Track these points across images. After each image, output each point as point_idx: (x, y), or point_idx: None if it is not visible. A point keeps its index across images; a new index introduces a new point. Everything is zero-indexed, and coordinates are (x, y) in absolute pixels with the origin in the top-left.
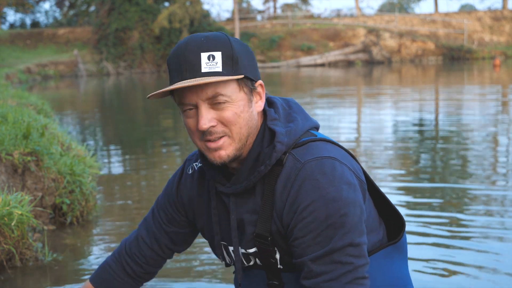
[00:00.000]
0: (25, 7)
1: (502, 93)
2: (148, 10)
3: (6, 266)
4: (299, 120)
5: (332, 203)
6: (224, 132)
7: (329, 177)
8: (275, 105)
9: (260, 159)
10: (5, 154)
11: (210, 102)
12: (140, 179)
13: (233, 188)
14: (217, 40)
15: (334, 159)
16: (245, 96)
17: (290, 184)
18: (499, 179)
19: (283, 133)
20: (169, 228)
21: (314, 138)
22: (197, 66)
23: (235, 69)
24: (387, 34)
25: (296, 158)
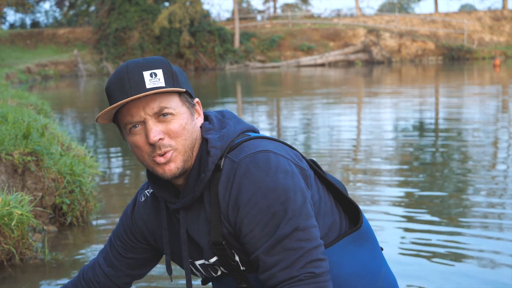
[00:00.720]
0: (25, 7)
1: (502, 93)
2: (148, 10)
3: (6, 266)
4: (231, 124)
5: (271, 192)
6: (170, 146)
7: (264, 168)
8: (209, 118)
9: (200, 168)
10: (5, 154)
11: (157, 116)
12: (139, 179)
13: (182, 202)
14: (156, 60)
15: (268, 151)
16: (187, 110)
17: (230, 184)
18: (499, 178)
19: (216, 139)
20: (127, 254)
21: (247, 138)
22: (141, 83)
23: (176, 85)
24: (387, 34)
25: (231, 159)
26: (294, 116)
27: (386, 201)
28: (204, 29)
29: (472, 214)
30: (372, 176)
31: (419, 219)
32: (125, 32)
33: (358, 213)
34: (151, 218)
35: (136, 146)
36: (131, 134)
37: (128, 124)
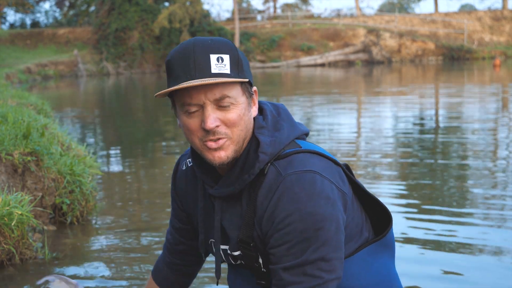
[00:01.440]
0: (25, 7)
1: (502, 93)
2: (148, 10)
3: (6, 265)
4: (285, 129)
5: (308, 217)
6: (225, 134)
7: (308, 191)
8: (264, 112)
9: (245, 166)
10: (5, 154)
11: (216, 103)
12: (140, 179)
13: (219, 192)
14: (224, 43)
15: (315, 172)
16: (246, 100)
17: (271, 195)
18: (499, 177)
19: (267, 143)
20: (184, 225)
21: (298, 150)
22: (206, 66)
23: (240, 73)
24: (387, 34)
25: (278, 170)
26: (294, 115)
27: (386, 197)
28: (204, 29)
29: (474, 207)
30: (372, 173)
31: (419, 217)
32: (125, 32)
33: (388, 222)
34: (188, 189)
35: (188, 128)
36: (186, 115)
37: (185, 105)
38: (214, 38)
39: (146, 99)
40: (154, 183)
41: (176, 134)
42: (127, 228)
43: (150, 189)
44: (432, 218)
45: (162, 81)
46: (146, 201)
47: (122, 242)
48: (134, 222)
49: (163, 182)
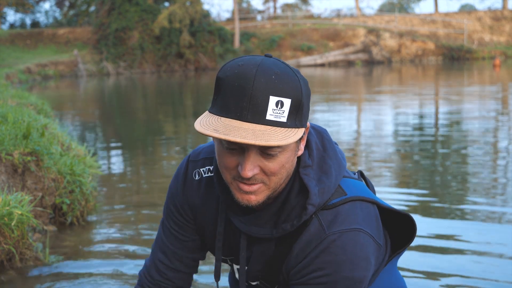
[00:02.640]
0: (25, 7)
1: (502, 92)
2: (148, 10)
3: (6, 266)
4: (333, 172)
5: (343, 280)
6: (262, 180)
7: (349, 254)
8: (309, 145)
9: (285, 210)
10: (5, 154)
11: (262, 150)
12: (140, 179)
13: (249, 229)
14: (289, 82)
15: (360, 230)
16: (294, 146)
17: (309, 250)
18: (500, 177)
19: (316, 194)
20: (184, 237)
21: (344, 199)
22: (262, 109)
23: (298, 120)
24: (387, 34)
25: (321, 224)
26: None
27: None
28: (204, 29)
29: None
30: (372, 174)
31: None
32: (125, 32)
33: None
34: (199, 203)
35: (221, 162)
36: (224, 151)
37: (226, 141)
38: (281, 72)
39: (146, 99)
40: (154, 182)
41: (176, 134)
42: (127, 228)
43: (150, 188)
44: (432, 217)
45: (162, 81)
46: (146, 201)
47: (122, 242)
48: (134, 222)
49: (163, 181)
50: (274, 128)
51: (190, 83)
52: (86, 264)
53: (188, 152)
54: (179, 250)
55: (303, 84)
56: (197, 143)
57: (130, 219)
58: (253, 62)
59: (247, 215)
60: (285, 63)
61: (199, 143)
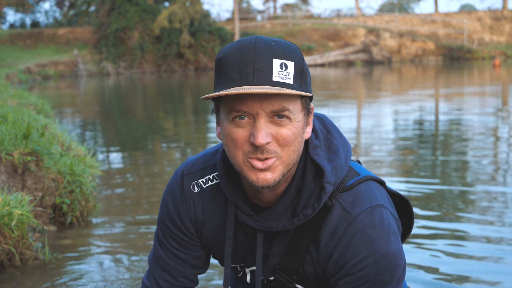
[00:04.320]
0: (25, 7)
1: (502, 93)
2: (148, 10)
3: (6, 266)
4: (341, 151)
5: (383, 258)
6: (275, 153)
7: (379, 230)
8: (314, 129)
9: (302, 196)
10: (5, 154)
11: (272, 115)
12: (140, 179)
13: (265, 225)
14: (289, 48)
15: (382, 206)
16: (303, 118)
17: (338, 236)
18: (500, 177)
19: (330, 172)
20: (186, 254)
21: (359, 179)
22: (267, 72)
23: (303, 85)
24: (387, 34)
25: (344, 208)
26: None
27: None
28: (204, 29)
29: (474, 207)
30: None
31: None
32: (125, 32)
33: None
34: (205, 215)
35: (232, 139)
36: (232, 124)
37: (233, 111)
38: (278, 40)
39: (146, 99)
40: (154, 182)
41: (176, 134)
42: (127, 228)
43: (150, 188)
44: (433, 217)
45: (162, 81)
46: (146, 200)
47: (122, 242)
48: (134, 222)
49: (163, 181)
50: (282, 88)
51: (190, 83)
52: (86, 264)
53: (188, 155)
54: (181, 267)
55: (302, 54)
56: (198, 143)
57: (130, 219)
58: (249, 37)
59: (260, 213)
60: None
61: (199, 142)
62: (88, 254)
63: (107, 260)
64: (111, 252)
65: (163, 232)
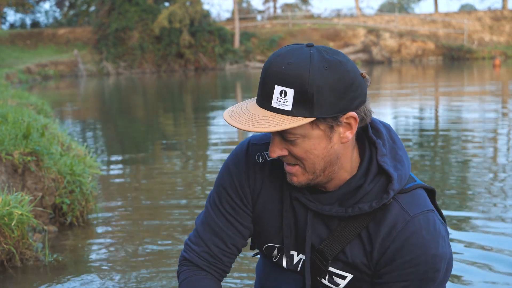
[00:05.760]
0: (25, 7)
1: (502, 92)
2: (148, 10)
3: (6, 266)
4: (405, 162)
5: (431, 259)
6: (296, 162)
7: (432, 233)
8: (381, 136)
9: (359, 193)
10: (5, 154)
11: (281, 135)
12: (140, 179)
13: (318, 207)
14: (296, 72)
15: (433, 211)
16: (320, 133)
17: (396, 233)
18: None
19: (396, 180)
20: (239, 223)
21: (416, 185)
22: (269, 97)
23: (308, 110)
24: (387, 34)
25: (403, 207)
26: None
27: None
28: (204, 29)
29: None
30: None
31: None
32: (125, 32)
33: None
34: (263, 187)
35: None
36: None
37: None
38: (296, 61)
39: (146, 98)
40: (154, 182)
41: (176, 134)
42: (127, 227)
43: (150, 188)
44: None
45: (162, 81)
46: (146, 200)
47: (122, 242)
48: (134, 222)
49: (164, 181)
50: (276, 115)
51: (190, 83)
52: (86, 264)
53: (187, 155)
54: (233, 234)
55: (317, 74)
56: (198, 143)
57: (130, 219)
58: (281, 51)
59: (315, 194)
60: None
61: (199, 142)
62: (88, 254)
63: (107, 260)
64: (111, 252)
65: (220, 197)
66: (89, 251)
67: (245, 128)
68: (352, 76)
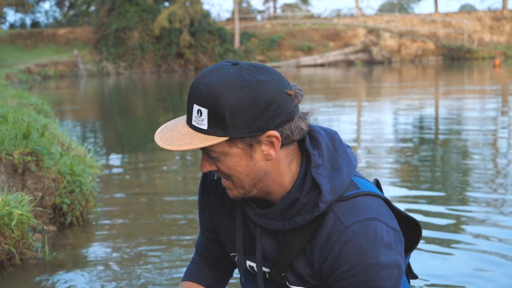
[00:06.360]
0: (25, 7)
1: (502, 92)
2: (148, 10)
3: (6, 265)
4: (344, 170)
5: (371, 268)
6: (225, 177)
7: (371, 242)
8: (319, 146)
9: (296, 206)
10: (5, 154)
11: (206, 152)
12: (140, 179)
13: (263, 222)
14: (211, 91)
15: (376, 219)
16: (240, 151)
17: (331, 244)
18: (499, 179)
19: (328, 191)
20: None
21: (357, 192)
22: (190, 115)
23: (222, 129)
24: (387, 34)
25: (338, 217)
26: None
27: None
28: (204, 29)
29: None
30: (373, 172)
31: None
32: (125, 32)
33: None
34: (217, 203)
35: None
36: None
37: None
38: (214, 81)
39: (146, 98)
40: (154, 182)
41: None
42: (127, 227)
43: (150, 188)
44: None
45: (162, 81)
46: (146, 200)
47: (122, 242)
48: (134, 222)
49: (163, 181)
50: (195, 133)
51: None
52: (86, 264)
53: (187, 155)
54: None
55: (231, 95)
56: None
57: (130, 219)
58: (206, 70)
59: (261, 209)
60: (247, 70)
61: None
62: (88, 254)
63: (107, 260)
64: (111, 252)
65: (199, 215)
66: (89, 251)
67: (160, 145)
68: (270, 96)
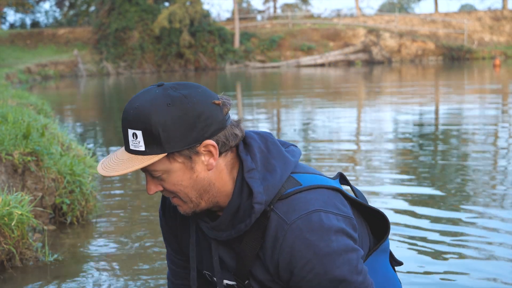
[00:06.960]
0: (25, 7)
1: (502, 93)
2: (148, 10)
3: (6, 266)
4: (278, 169)
5: (326, 257)
6: (173, 194)
7: (318, 233)
8: (251, 150)
9: (239, 213)
10: (5, 154)
11: (149, 173)
12: (139, 179)
13: (214, 234)
14: (141, 115)
15: (319, 210)
16: (180, 165)
17: (279, 245)
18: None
19: (261, 192)
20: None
21: (298, 189)
22: (126, 140)
23: (159, 147)
24: (387, 34)
25: (280, 217)
26: (294, 115)
27: (386, 197)
28: (204, 29)
29: (473, 209)
30: (372, 173)
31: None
32: (125, 32)
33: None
34: (178, 223)
35: None
36: None
37: None
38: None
39: None
40: None
41: None
42: (127, 228)
43: None
44: (433, 217)
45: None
46: (146, 200)
47: (122, 242)
48: (134, 222)
49: None
50: (134, 156)
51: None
52: (86, 264)
53: None
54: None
55: (160, 113)
56: None
57: (130, 219)
58: (133, 96)
59: (212, 221)
60: (172, 89)
61: None
62: (88, 254)
63: (107, 260)
64: (111, 252)
65: (164, 240)
66: (89, 251)
67: (102, 173)
68: (198, 108)
